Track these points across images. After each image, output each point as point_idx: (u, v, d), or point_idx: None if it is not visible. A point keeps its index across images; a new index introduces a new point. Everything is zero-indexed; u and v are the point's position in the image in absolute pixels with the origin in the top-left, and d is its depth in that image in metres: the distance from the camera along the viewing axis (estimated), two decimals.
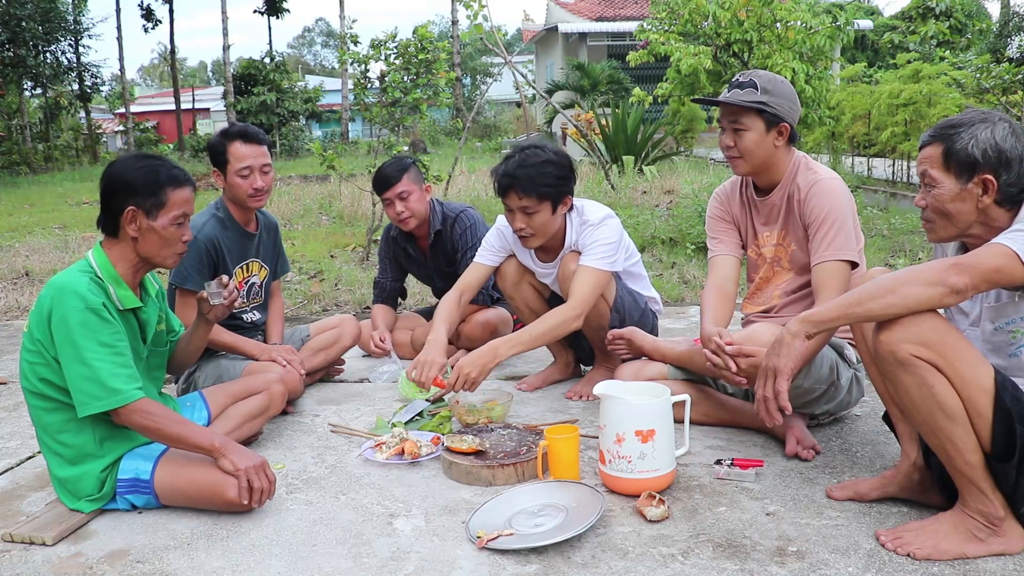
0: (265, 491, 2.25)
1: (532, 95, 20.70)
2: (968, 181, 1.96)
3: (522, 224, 2.92)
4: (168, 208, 2.30)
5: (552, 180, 2.88)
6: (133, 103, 32.18)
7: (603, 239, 2.94)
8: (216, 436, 2.28)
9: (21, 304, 5.54)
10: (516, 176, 2.86)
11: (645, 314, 3.19)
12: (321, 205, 10.16)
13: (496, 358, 2.78)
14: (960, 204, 1.98)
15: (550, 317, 2.88)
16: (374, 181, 3.67)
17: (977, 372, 1.85)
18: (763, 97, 2.55)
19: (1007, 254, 1.82)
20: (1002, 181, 1.94)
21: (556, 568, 1.96)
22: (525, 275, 3.21)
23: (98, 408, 2.17)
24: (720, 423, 2.81)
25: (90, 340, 2.16)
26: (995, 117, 1.98)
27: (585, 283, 2.90)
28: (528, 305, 3.25)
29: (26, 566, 2.08)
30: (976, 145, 1.94)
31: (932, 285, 1.83)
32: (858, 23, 16.90)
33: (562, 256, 3.06)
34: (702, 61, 9.51)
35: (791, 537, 2.06)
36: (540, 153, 2.91)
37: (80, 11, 26.38)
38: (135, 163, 2.31)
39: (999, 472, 1.87)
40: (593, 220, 2.99)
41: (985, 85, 7.22)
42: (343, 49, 7.53)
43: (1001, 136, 1.94)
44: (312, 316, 4.97)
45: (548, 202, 2.89)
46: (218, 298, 2.54)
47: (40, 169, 22.91)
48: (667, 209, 7.76)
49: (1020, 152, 1.95)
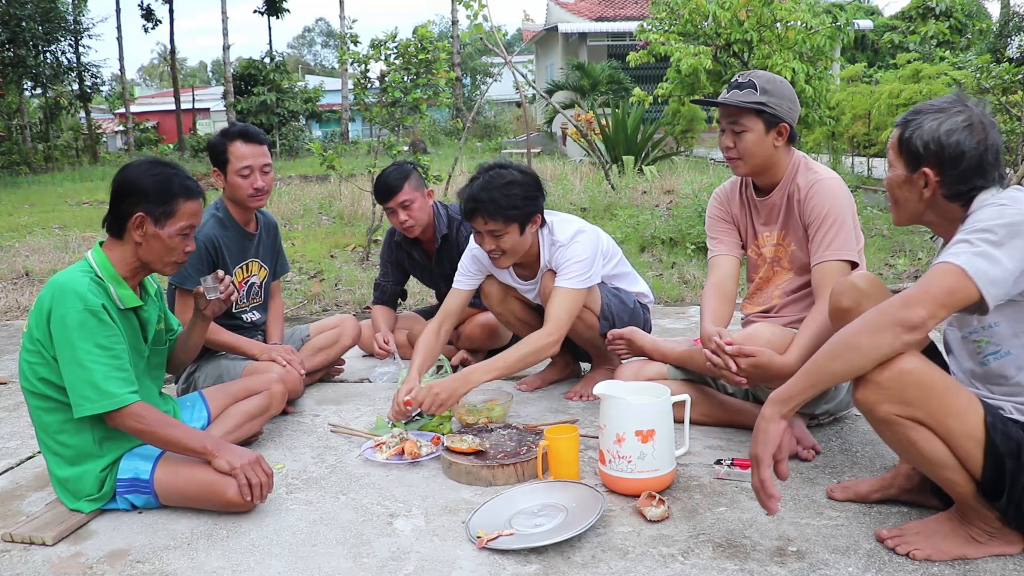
0: (264, 485, 2.25)
1: (532, 95, 20.70)
2: (914, 171, 1.91)
3: (492, 246, 2.88)
4: (177, 218, 2.30)
5: (518, 202, 2.82)
6: (133, 103, 32.20)
7: (575, 258, 2.89)
8: (208, 438, 2.28)
9: (21, 304, 5.54)
10: (480, 199, 2.80)
11: (635, 312, 3.18)
12: (321, 205, 10.16)
13: (468, 384, 2.77)
14: (906, 191, 1.95)
15: (526, 344, 2.85)
16: (375, 190, 3.64)
17: (966, 422, 1.79)
18: (762, 98, 2.55)
19: (954, 272, 1.73)
20: (945, 177, 1.87)
21: (556, 568, 1.96)
22: (509, 291, 3.18)
23: (92, 410, 2.17)
24: (720, 423, 2.81)
25: (87, 342, 2.16)
26: (954, 108, 1.89)
27: (560, 306, 2.87)
28: (517, 317, 3.23)
29: (26, 566, 2.08)
30: (920, 136, 1.88)
31: (887, 329, 1.75)
32: (858, 23, 16.92)
33: (541, 274, 3.03)
34: (702, 61, 9.50)
35: (791, 537, 2.06)
36: (505, 174, 2.84)
37: (80, 11, 26.39)
38: (150, 169, 2.31)
39: (993, 505, 1.85)
40: (562, 240, 2.93)
41: (985, 85, 7.22)
42: (343, 49, 7.54)
43: (947, 130, 1.85)
44: (312, 316, 4.97)
45: (515, 224, 2.84)
46: (214, 293, 2.54)
47: (40, 169, 22.92)
48: (667, 209, 7.76)
49: (970, 148, 1.84)
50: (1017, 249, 1.72)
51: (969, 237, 1.76)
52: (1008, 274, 1.72)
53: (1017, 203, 1.78)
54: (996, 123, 1.91)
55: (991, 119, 1.90)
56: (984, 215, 1.79)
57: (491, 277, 3.18)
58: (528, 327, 3.23)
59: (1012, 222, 1.74)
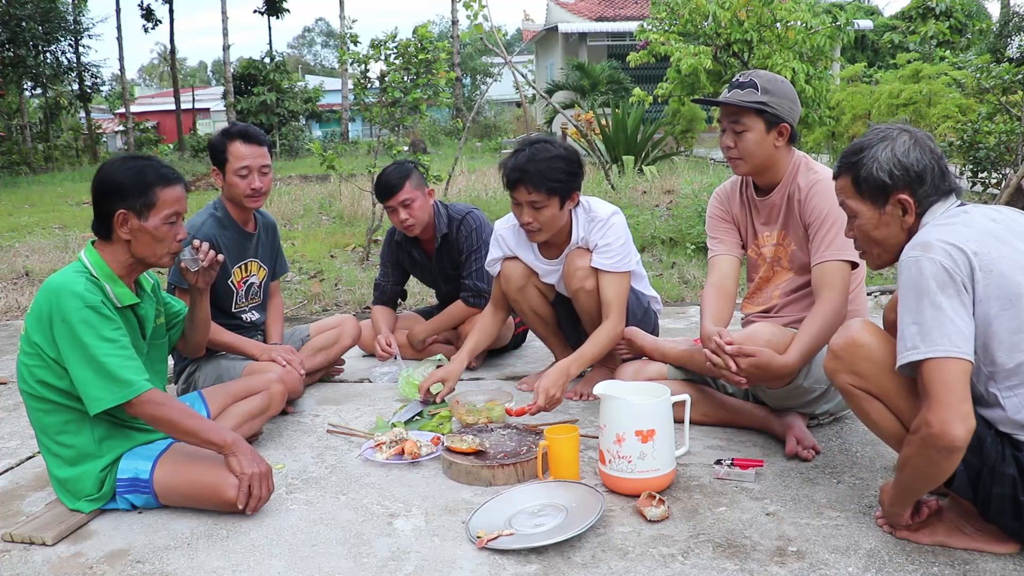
0: (263, 500, 2.26)
1: (532, 95, 20.69)
2: (885, 204, 1.91)
3: (529, 218, 2.91)
4: (159, 208, 2.27)
5: (562, 175, 2.87)
6: (133, 103, 32.19)
7: (615, 239, 2.96)
8: (229, 433, 2.27)
9: (21, 304, 5.54)
10: (526, 170, 2.84)
11: (648, 313, 3.19)
12: (321, 205, 10.16)
13: (569, 377, 2.84)
14: (885, 229, 1.94)
15: (602, 336, 2.92)
16: (376, 189, 3.64)
17: (916, 403, 1.81)
18: (763, 97, 2.55)
19: (937, 366, 1.71)
20: (919, 195, 1.88)
21: (556, 568, 1.96)
22: (530, 278, 3.19)
23: (112, 402, 2.15)
24: (720, 423, 2.81)
25: (94, 337, 2.15)
26: (893, 132, 1.91)
27: (616, 293, 2.95)
28: (532, 308, 3.24)
29: (26, 566, 2.08)
30: (880, 168, 1.88)
31: (943, 462, 1.75)
32: (858, 23, 16.93)
33: (567, 252, 3.06)
34: (702, 61, 9.51)
35: (791, 537, 2.06)
36: (550, 148, 2.89)
37: (80, 11, 26.35)
38: (122, 164, 2.30)
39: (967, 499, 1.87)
40: (601, 216, 2.98)
41: (985, 85, 7.22)
42: (343, 49, 7.53)
43: (902, 151, 1.88)
44: (312, 316, 4.97)
45: (557, 197, 2.88)
46: (196, 264, 2.52)
47: (40, 169, 22.90)
48: (667, 209, 7.75)
49: (928, 161, 1.88)
50: (949, 304, 1.71)
51: (910, 319, 1.74)
52: (966, 325, 1.72)
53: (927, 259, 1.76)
54: (932, 135, 1.96)
55: (926, 133, 1.95)
56: (907, 279, 1.78)
57: (514, 259, 3.19)
58: (540, 321, 3.26)
59: (921, 284, 1.74)
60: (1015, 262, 1.76)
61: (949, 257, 1.74)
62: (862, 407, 1.96)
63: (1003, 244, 1.78)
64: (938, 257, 1.74)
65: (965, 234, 1.78)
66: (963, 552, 1.92)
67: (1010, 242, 1.79)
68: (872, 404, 1.93)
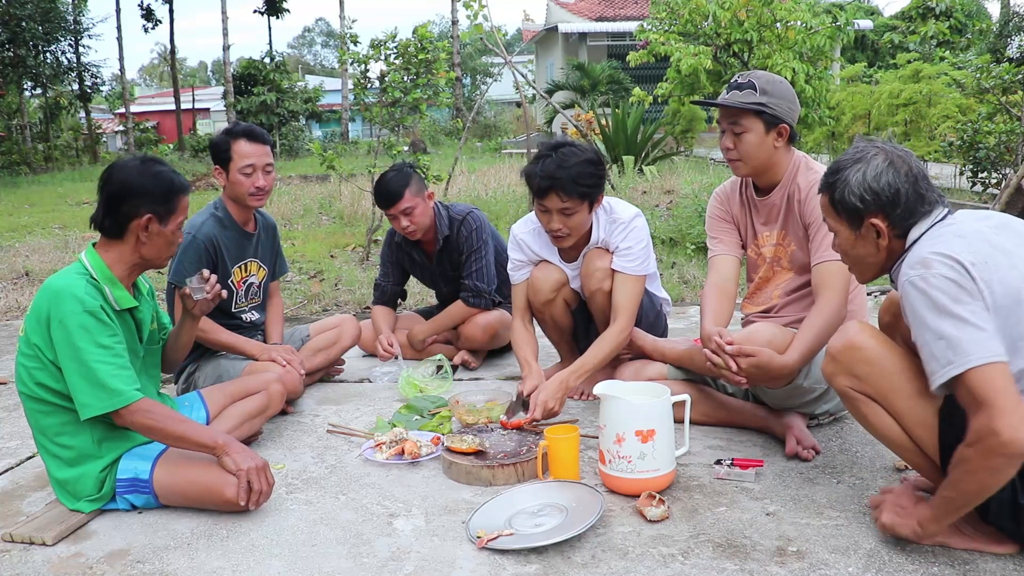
0: (264, 494, 2.25)
1: (532, 95, 20.70)
2: (859, 227, 1.91)
3: (559, 225, 2.85)
4: (177, 214, 2.35)
5: (593, 180, 2.82)
6: (133, 103, 32.17)
7: (636, 243, 2.91)
8: (219, 434, 2.28)
9: (21, 304, 5.54)
10: (558, 177, 2.76)
11: (660, 315, 3.18)
12: (321, 205, 10.16)
13: (568, 389, 2.81)
14: (861, 248, 1.94)
15: (605, 343, 2.86)
16: (376, 197, 3.61)
17: (917, 407, 1.83)
18: (762, 98, 2.55)
19: (980, 375, 1.67)
20: (894, 218, 1.86)
21: (556, 568, 1.96)
22: (561, 291, 3.10)
23: (100, 410, 2.17)
24: (720, 423, 2.81)
25: (89, 343, 2.16)
26: (869, 153, 1.89)
27: (628, 296, 2.90)
28: (555, 320, 3.18)
29: (26, 566, 2.08)
30: (850, 192, 1.88)
31: (1005, 469, 1.69)
32: (858, 23, 16.93)
33: (585, 253, 3.03)
34: (702, 61, 9.52)
35: (791, 537, 2.06)
36: (577, 152, 2.81)
37: (80, 11, 26.33)
38: (146, 169, 2.32)
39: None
40: (623, 218, 2.94)
41: (985, 85, 7.22)
42: (343, 49, 7.53)
43: (872, 175, 1.85)
44: (312, 316, 4.97)
45: (587, 202, 2.84)
46: (200, 293, 2.54)
47: (40, 169, 22.89)
48: (667, 209, 7.75)
49: (902, 183, 1.85)
50: (967, 312, 1.69)
51: (933, 336, 1.72)
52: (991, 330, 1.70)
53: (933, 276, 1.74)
54: (911, 152, 1.93)
55: (905, 150, 1.92)
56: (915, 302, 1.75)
57: (545, 267, 3.09)
58: (557, 329, 3.21)
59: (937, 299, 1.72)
60: (1013, 267, 1.75)
61: (951, 268, 1.73)
62: (860, 410, 1.96)
63: (996, 249, 1.77)
64: (940, 271, 1.73)
65: (960, 245, 1.76)
66: (963, 552, 1.93)
67: (1003, 245, 1.78)
68: (870, 407, 1.94)
